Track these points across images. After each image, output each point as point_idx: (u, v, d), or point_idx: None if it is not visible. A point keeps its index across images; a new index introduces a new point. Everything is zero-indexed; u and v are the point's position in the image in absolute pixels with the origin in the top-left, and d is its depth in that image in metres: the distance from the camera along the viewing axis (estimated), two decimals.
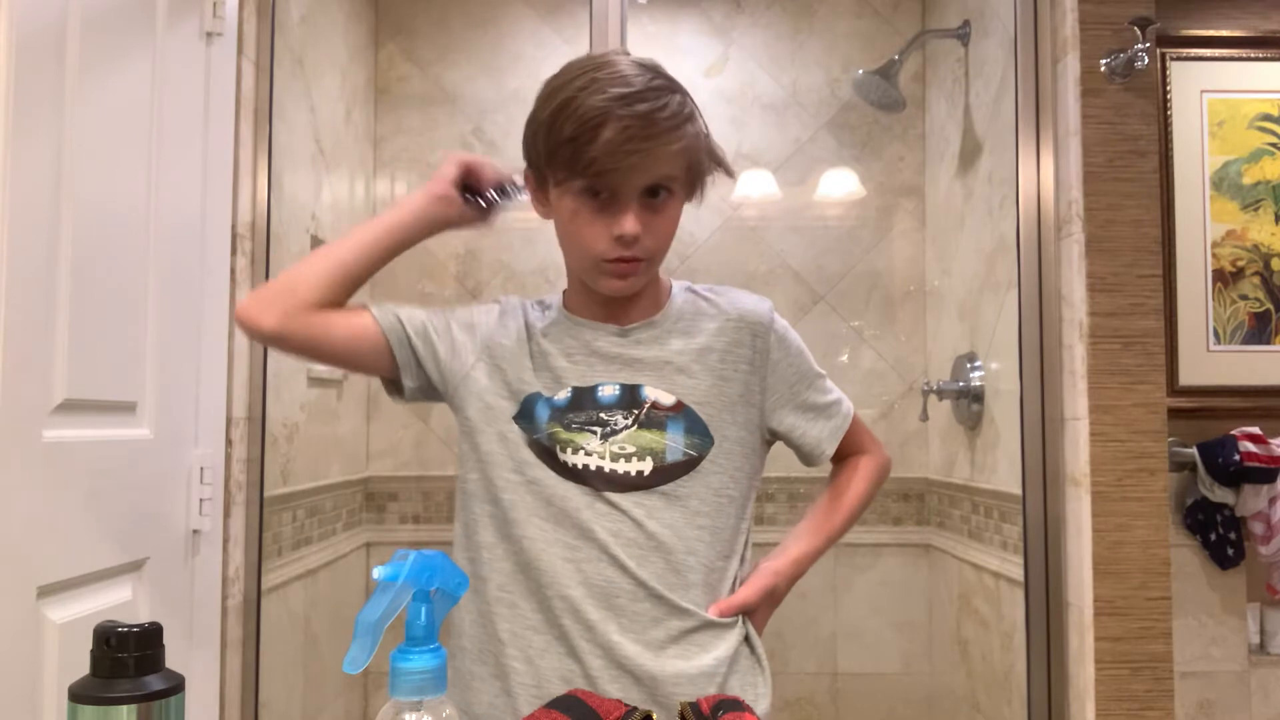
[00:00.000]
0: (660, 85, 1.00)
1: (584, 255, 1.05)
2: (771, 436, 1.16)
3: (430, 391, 1.13)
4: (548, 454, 1.05)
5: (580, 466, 1.04)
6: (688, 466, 1.05)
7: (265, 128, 1.76)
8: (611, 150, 0.97)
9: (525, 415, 1.07)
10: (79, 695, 0.68)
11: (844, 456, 1.21)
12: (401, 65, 2.74)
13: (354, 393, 2.59)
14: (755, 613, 1.12)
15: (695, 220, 2.72)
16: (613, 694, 1.01)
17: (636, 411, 1.06)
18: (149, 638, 0.69)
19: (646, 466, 1.04)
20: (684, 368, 1.08)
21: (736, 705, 0.80)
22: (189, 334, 1.54)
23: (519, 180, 1.13)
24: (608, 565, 1.03)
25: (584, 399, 1.06)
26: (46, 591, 1.18)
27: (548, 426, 1.06)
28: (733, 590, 1.10)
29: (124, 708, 0.67)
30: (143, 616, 1.38)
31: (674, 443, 1.05)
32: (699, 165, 1.06)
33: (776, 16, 2.78)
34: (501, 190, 1.15)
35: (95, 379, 1.28)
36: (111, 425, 1.34)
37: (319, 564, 2.26)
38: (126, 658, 0.68)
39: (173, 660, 0.72)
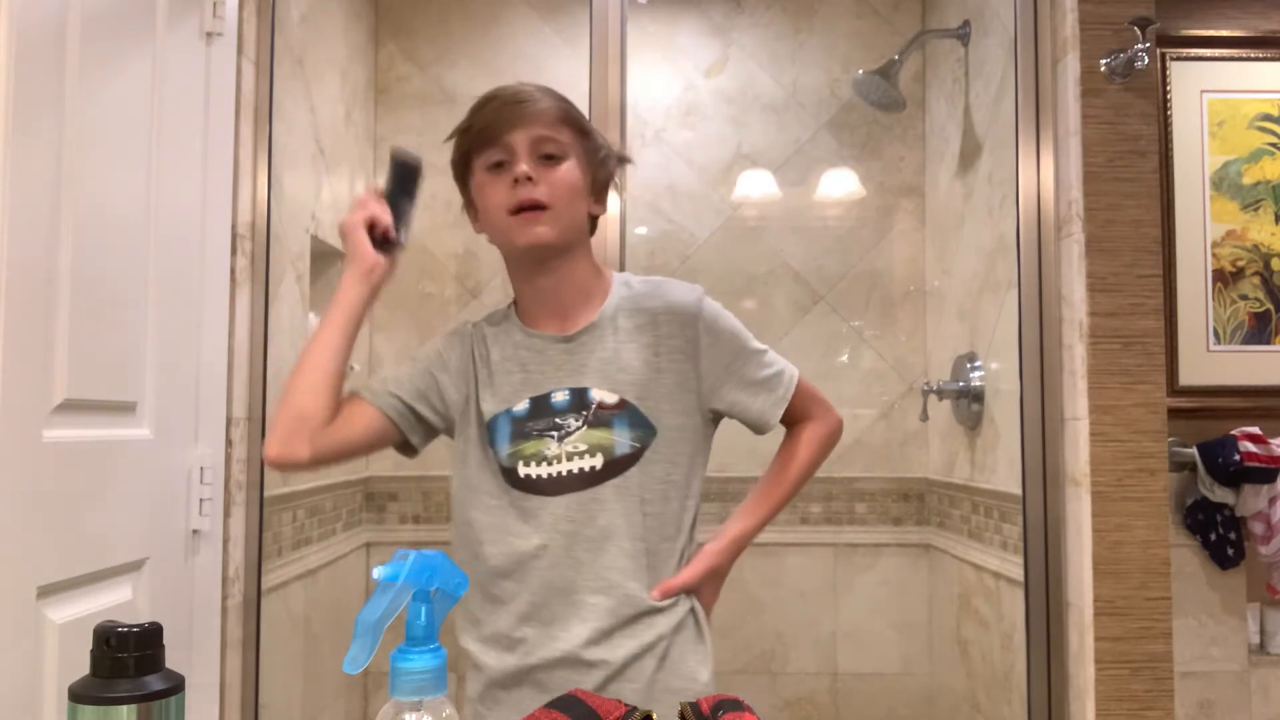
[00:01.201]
0: (545, 89, 1.20)
1: (498, 217, 1.17)
2: (715, 416, 1.25)
3: (434, 434, 1.25)
4: (510, 474, 1.17)
5: (542, 477, 1.16)
6: (634, 458, 1.16)
7: (265, 128, 1.76)
8: (494, 111, 1.16)
9: (492, 439, 1.19)
10: (79, 695, 0.68)
11: (793, 423, 1.30)
12: (401, 65, 2.74)
13: None
14: (700, 591, 1.22)
15: (695, 220, 2.73)
16: (574, 681, 1.12)
17: (585, 413, 1.17)
18: (149, 638, 0.69)
19: (598, 462, 1.16)
20: (623, 365, 1.19)
21: (736, 705, 0.80)
22: (189, 334, 1.53)
23: (399, 177, 1.22)
24: (568, 567, 1.15)
25: (541, 406, 1.18)
26: (46, 591, 1.18)
27: (510, 445, 1.18)
28: (678, 568, 1.20)
29: (124, 708, 0.68)
30: (143, 616, 1.38)
31: (620, 438, 1.16)
32: (588, 143, 1.21)
33: (776, 16, 2.78)
34: (399, 219, 1.20)
35: (95, 379, 1.28)
36: (111, 425, 1.34)
37: (319, 564, 2.26)
38: (126, 658, 0.68)
39: (173, 660, 0.72)
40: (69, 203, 1.21)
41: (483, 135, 1.17)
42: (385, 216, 1.19)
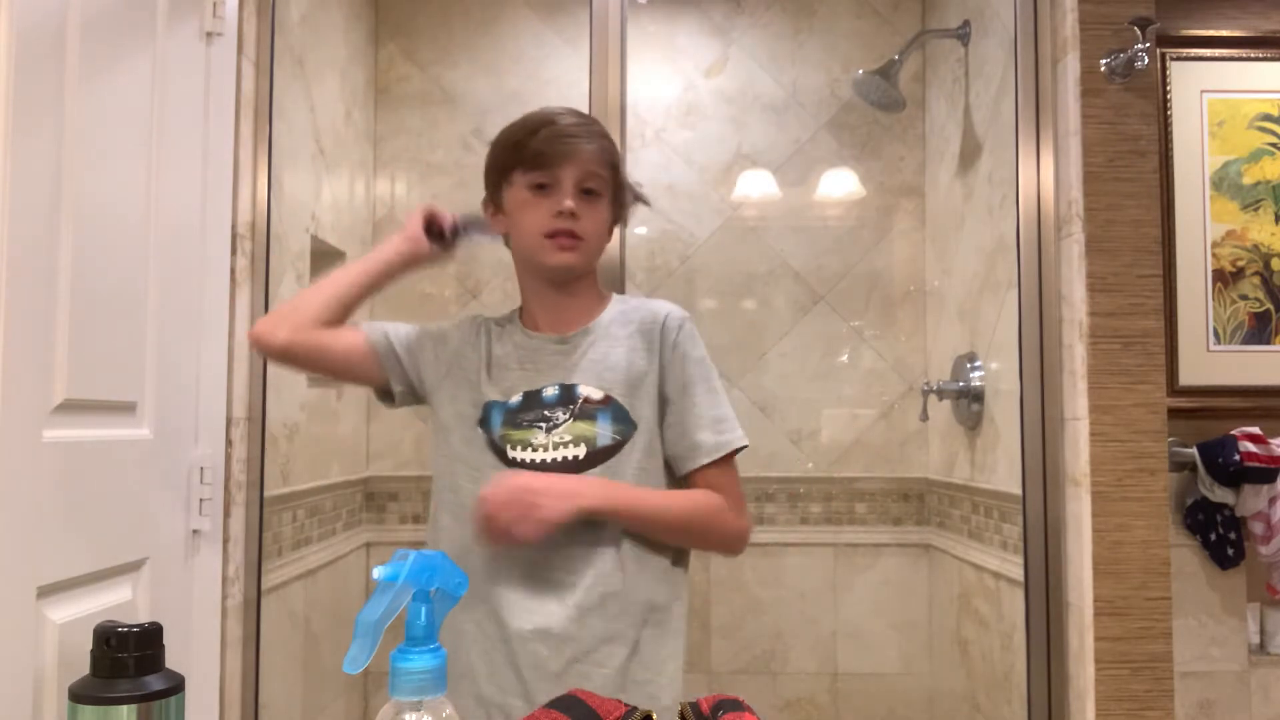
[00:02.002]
0: (593, 123, 1.30)
1: (531, 236, 1.27)
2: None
3: (414, 396, 1.35)
4: (500, 454, 1.26)
5: (528, 461, 1.24)
6: (614, 449, 1.25)
7: (265, 128, 1.76)
8: (550, 140, 1.24)
9: (485, 421, 1.28)
10: (79, 695, 0.68)
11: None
12: (401, 65, 2.73)
13: (354, 393, 2.59)
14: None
15: (695, 220, 2.73)
16: (541, 653, 1.20)
17: (573, 406, 1.26)
18: (149, 638, 0.70)
19: (581, 452, 1.24)
20: (611, 365, 1.28)
21: (736, 705, 0.80)
22: (189, 334, 1.53)
23: (477, 218, 1.38)
24: (546, 546, 1.19)
25: (532, 400, 1.27)
26: (46, 591, 1.18)
27: (500, 429, 1.26)
28: (658, 553, 1.26)
29: (124, 708, 0.68)
30: (143, 616, 1.38)
31: (603, 430, 1.25)
32: (621, 181, 1.32)
33: (776, 16, 2.78)
34: (458, 228, 1.39)
35: (95, 379, 1.28)
36: (111, 425, 1.34)
37: (319, 564, 2.26)
38: (126, 658, 0.69)
39: (173, 660, 0.72)
40: (69, 203, 1.21)
41: (535, 160, 1.25)
42: (446, 217, 1.38)
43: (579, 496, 1.19)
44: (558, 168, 1.24)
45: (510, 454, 1.25)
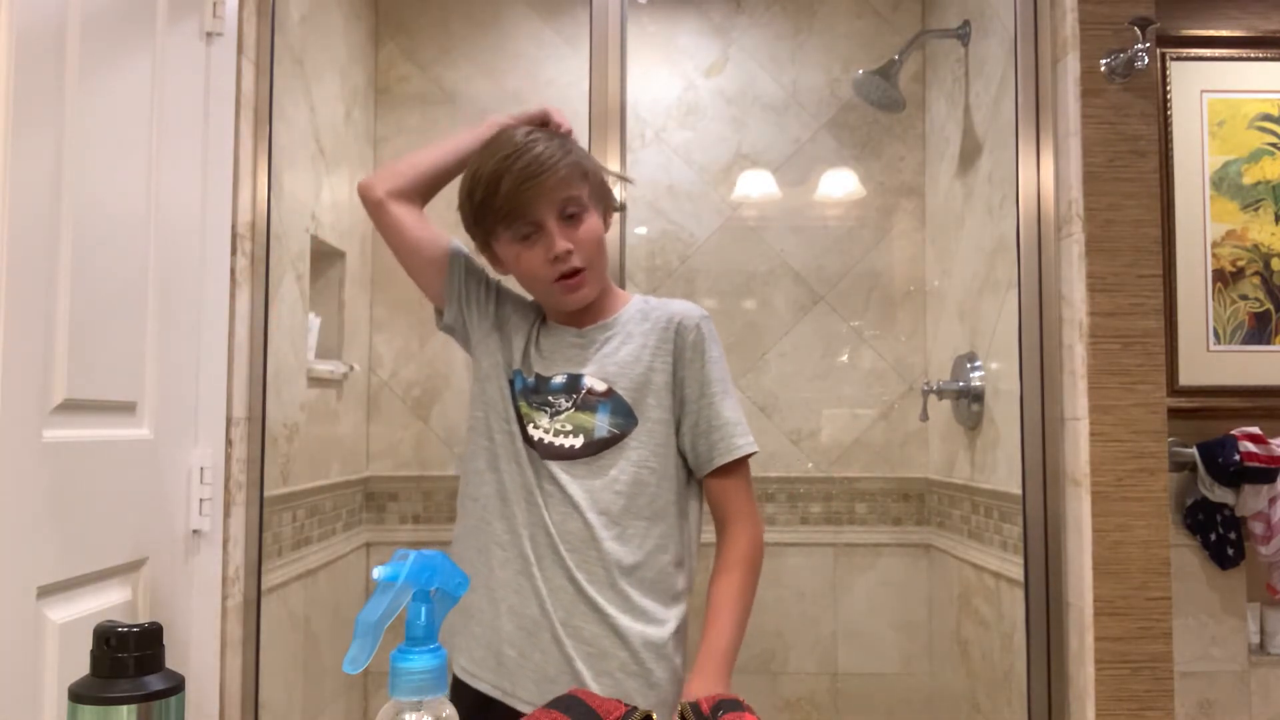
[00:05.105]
0: (536, 137, 1.26)
1: (538, 283, 1.29)
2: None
3: (460, 331, 1.38)
4: (519, 419, 1.30)
5: (536, 438, 1.28)
6: (611, 442, 1.27)
7: (265, 128, 1.76)
8: (515, 190, 1.22)
9: (512, 382, 1.33)
10: (79, 695, 0.68)
11: (717, 506, 1.33)
12: (401, 65, 2.73)
13: (354, 393, 2.59)
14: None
15: (695, 220, 2.73)
16: (562, 602, 1.23)
17: (576, 396, 1.28)
18: (149, 638, 0.70)
19: (578, 441, 1.27)
20: (619, 360, 1.30)
21: (736, 705, 0.80)
22: (189, 334, 1.53)
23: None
24: (539, 527, 1.25)
25: (542, 385, 1.31)
26: (46, 591, 1.18)
27: (519, 399, 1.31)
28: (668, 543, 1.29)
29: (124, 708, 0.68)
30: (143, 616, 1.38)
31: (601, 422, 1.27)
32: (597, 182, 1.31)
33: (776, 16, 2.78)
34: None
35: (95, 379, 1.28)
36: (111, 425, 1.34)
37: (319, 564, 2.26)
38: (126, 658, 0.68)
39: (173, 660, 0.72)
40: (69, 203, 1.21)
41: (511, 215, 1.24)
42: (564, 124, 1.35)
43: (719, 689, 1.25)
44: (535, 214, 1.23)
45: (524, 424, 1.29)
